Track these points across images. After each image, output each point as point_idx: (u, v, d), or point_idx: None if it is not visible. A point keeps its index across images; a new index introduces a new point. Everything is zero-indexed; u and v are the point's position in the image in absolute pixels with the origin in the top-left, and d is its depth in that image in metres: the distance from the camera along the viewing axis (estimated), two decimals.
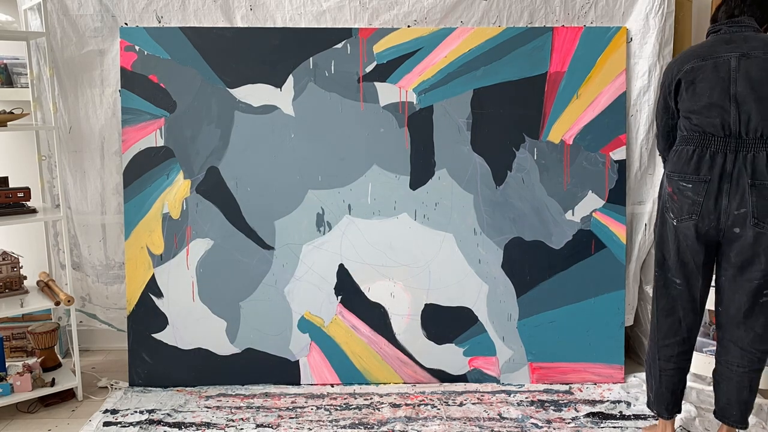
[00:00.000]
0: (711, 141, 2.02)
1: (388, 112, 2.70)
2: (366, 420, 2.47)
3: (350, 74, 2.68)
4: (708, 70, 2.02)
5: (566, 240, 2.74)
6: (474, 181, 2.72)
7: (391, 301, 2.76)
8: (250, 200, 2.71)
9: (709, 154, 2.01)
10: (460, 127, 2.70)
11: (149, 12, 2.67)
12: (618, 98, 2.71)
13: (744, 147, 1.98)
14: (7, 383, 2.53)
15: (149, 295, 2.72)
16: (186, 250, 2.72)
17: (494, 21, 2.71)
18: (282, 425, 2.43)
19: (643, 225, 2.83)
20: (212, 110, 2.68)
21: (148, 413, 2.53)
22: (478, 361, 2.78)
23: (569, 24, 2.72)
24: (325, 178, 2.72)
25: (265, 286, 2.74)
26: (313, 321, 2.76)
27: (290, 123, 2.69)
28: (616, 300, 2.75)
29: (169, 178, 2.70)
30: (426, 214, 2.73)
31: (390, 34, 2.67)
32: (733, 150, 1.99)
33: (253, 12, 2.69)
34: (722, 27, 2.08)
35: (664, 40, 2.69)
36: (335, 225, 2.73)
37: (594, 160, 2.73)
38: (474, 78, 2.68)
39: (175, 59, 2.65)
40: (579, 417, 2.49)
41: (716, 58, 2.01)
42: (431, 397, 2.66)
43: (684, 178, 2.04)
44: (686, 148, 2.06)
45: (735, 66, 1.98)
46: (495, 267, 2.74)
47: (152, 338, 2.73)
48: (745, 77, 1.97)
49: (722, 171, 1.99)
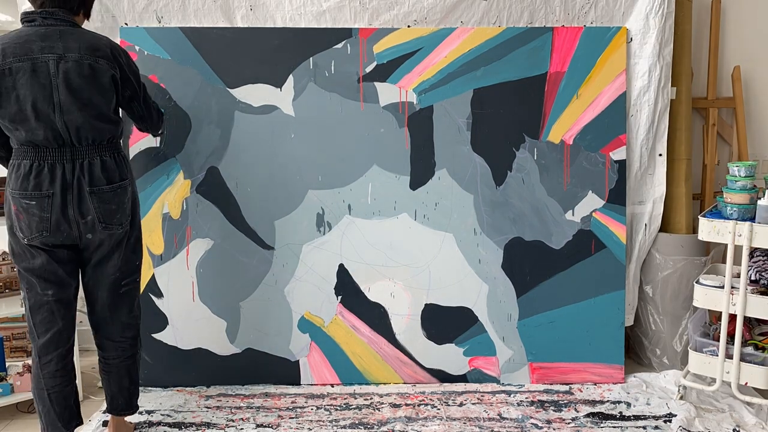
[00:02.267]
0: (47, 153, 1.97)
1: (388, 112, 2.70)
2: (366, 420, 2.47)
3: (350, 74, 2.68)
4: (26, 73, 1.91)
5: (566, 240, 2.74)
6: (474, 181, 2.72)
7: (391, 301, 2.76)
8: (250, 200, 2.71)
9: (48, 167, 1.97)
10: (460, 127, 2.70)
11: (149, 12, 2.67)
12: (618, 98, 2.71)
13: (80, 156, 2.00)
14: (7, 383, 2.54)
15: (149, 295, 2.72)
16: (186, 250, 2.72)
17: (494, 21, 2.71)
18: (282, 425, 2.43)
19: (643, 225, 2.84)
20: (212, 110, 2.68)
21: (148, 413, 2.53)
22: (478, 361, 2.78)
23: (569, 24, 2.72)
24: (325, 178, 2.72)
25: (265, 286, 2.74)
26: (313, 321, 2.76)
27: (290, 123, 2.69)
28: (616, 300, 2.75)
29: (169, 178, 2.70)
30: (426, 214, 2.73)
31: (390, 34, 2.67)
32: (70, 160, 1.99)
33: (253, 12, 2.69)
34: (36, 17, 1.96)
35: (664, 40, 2.69)
36: (335, 225, 2.73)
37: (594, 160, 2.72)
38: (474, 78, 2.68)
39: (175, 59, 2.65)
40: (579, 417, 2.49)
41: (34, 60, 1.91)
42: (431, 397, 2.66)
43: (26, 195, 1.96)
44: (23, 162, 1.98)
45: (54, 71, 1.92)
46: (495, 267, 2.74)
47: (152, 338, 2.73)
48: (65, 83, 1.93)
49: (63, 182, 1.98)
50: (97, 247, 2.10)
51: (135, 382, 2.29)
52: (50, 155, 1.97)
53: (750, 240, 2.33)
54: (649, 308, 2.91)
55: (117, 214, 2.08)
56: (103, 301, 2.17)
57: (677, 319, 2.85)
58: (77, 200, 2.00)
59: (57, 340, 2.09)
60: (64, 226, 2.00)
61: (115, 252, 2.13)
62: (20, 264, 2.06)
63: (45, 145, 1.96)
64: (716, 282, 2.48)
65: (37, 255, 2.03)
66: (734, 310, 2.40)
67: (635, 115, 2.75)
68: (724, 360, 2.44)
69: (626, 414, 2.51)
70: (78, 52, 1.95)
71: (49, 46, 1.93)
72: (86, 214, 2.02)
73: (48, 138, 1.95)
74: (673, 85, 2.79)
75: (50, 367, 2.08)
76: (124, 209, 2.11)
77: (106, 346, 2.22)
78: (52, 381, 2.09)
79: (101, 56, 1.99)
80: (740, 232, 2.35)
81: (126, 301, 2.21)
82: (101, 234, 2.06)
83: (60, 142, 1.97)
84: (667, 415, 2.47)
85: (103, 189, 2.03)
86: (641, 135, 2.76)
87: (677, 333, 2.86)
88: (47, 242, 2.02)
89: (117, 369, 2.24)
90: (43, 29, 1.95)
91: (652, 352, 2.93)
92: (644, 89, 2.72)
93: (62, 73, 1.93)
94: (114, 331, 2.21)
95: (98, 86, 1.99)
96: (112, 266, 2.13)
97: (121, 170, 2.10)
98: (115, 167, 2.07)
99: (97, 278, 2.15)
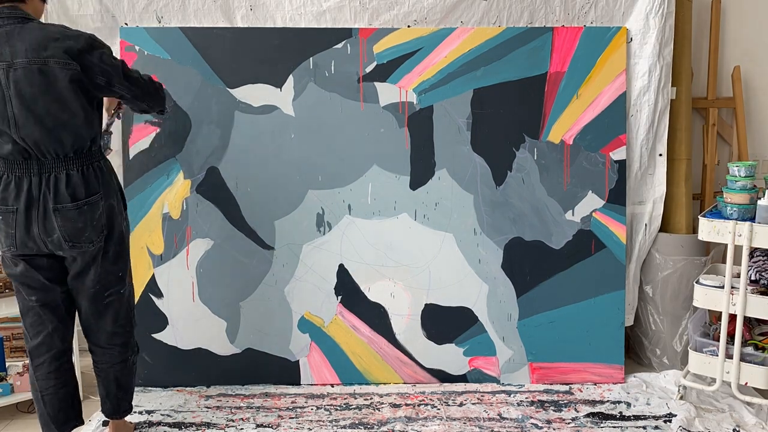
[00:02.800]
0: (14, 166, 1.86)
1: (388, 112, 2.70)
2: (366, 420, 2.47)
3: (350, 74, 2.68)
4: None
5: (566, 240, 2.74)
6: (474, 181, 2.72)
7: (391, 301, 2.76)
8: (250, 200, 2.71)
9: (15, 181, 1.86)
10: (460, 127, 2.70)
11: (149, 12, 2.67)
12: (618, 98, 2.71)
13: (47, 169, 1.87)
14: (7, 383, 2.54)
15: (149, 295, 2.72)
16: (186, 250, 2.72)
17: (494, 21, 2.71)
18: (282, 425, 2.43)
19: (643, 225, 2.84)
20: (212, 110, 2.68)
21: (148, 413, 2.53)
22: (478, 361, 2.78)
23: (569, 24, 2.72)
24: (325, 178, 2.72)
25: (265, 286, 2.74)
26: (313, 321, 2.76)
27: (290, 123, 2.69)
28: (616, 300, 2.75)
29: (169, 178, 2.70)
30: (426, 214, 2.73)
31: (390, 34, 2.67)
32: (37, 173, 1.86)
33: (253, 12, 2.69)
34: None
35: (664, 40, 2.69)
36: (335, 225, 2.73)
37: (594, 160, 2.72)
38: (474, 78, 2.68)
39: (175, 59, 2.65)
40: (579, 417, 2.49)
41: None
42: (431, 397, 2.66)
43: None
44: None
45: (5, 82, 1.77)
46: (495, 267, 2.74)
47: (152, 338, 2.73)
48: (17, 95, 1.78)
49: (29, 197, 1.87)
50: (72, 261, 2.00)
51: (125, 388, 2.23)
52: (18, 168, 1.87)
53: (750, 240, 2.33)
54: (649, 308, 2.91)
55: (85, 232, 1.94)
56: (86, 310, 2.10)
57: (677, 319, 2.85)
58: (42, 218, 1.89)
59: (48, 343, 2.05)
60: (30, 243, 1.92)
61: (92, 267, 2.02)
62: (5, 270, 2.04)
63: (11, 159, 1.86)
64: (716, 282, 2.48)
65: (18, 262, 1.98)
66: (734, 310, 2.40)
67: (635, 115, 2.75)
68: (724, 360, 2.44)
69: (626, 414, 2.51)
70: (25, 56, 1.77)
71: None
72: (51, 233, 1.90)
73: (12, 152, 1.85)
74: (673, 85, 2.79)
75: (42, 370, 2.06)
76: (93, 226, 1.96)
77: (95, 351, 2.19)
78: (45, 383, 2.06)
79: (50, 56, 1.79)
80: (740, 232, 2.35)
81: (110, 311, 2.12)
82: (70, 252, 1.96)
83: (25, 156, 1.86)
84: (667, 415, 2.47)
85: (67, 207, 1.89)
86: (641, 135, 2.76)
87: (677, 333, 2.86)
88: (21, 253, 1.95)
89: (105, 374, 2.20)
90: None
91: (652, 352, 2.93)
92: (644, 89, 2.72)
93: (13, 84, 1.77)
94: (100, 338, 2.15)
95: (54, 93, 1.81)
96: (90, 280, 2.03)
97: (89, 185, 1.94)
98: (81, 182, 1.91)
99: (77, 289, 2.07)
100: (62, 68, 1.80)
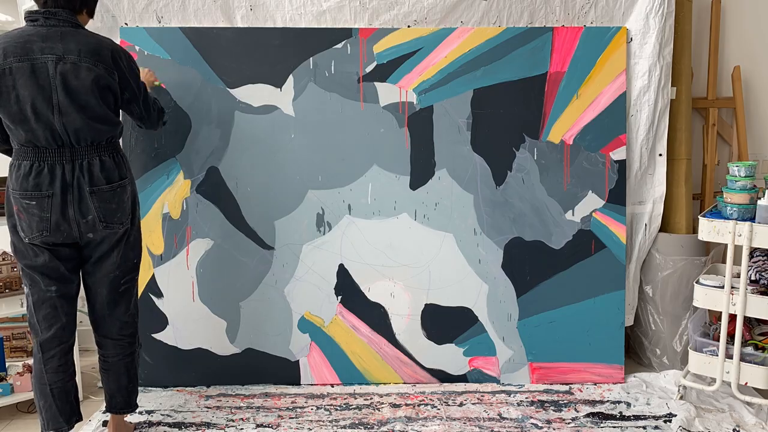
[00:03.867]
0: (46, 154, 1.99)
1: (388, 112, 2.70)
2: (366, 420, 2.47)
3: (350, 74, 2.68)
4: (26, 74, 1.92)
5: (566, 240, 2.74)
6: (474, 181, 2.72)
7: (391, 301, 2.76)
8: (250, 200, 2.71)
9: (48, 168, 1.99)
10: (460, 127, 2.70)
11: (149, 12, 2.67)
12: (618, 98, 2.71)
13: (79, 156, 2.01)
14: (7, 383, 2.54)
15: (149, 295, 2.72)
16: (186, 250, 2.72)
17: (494, 21, 2.71)
18: (282, 425, 2.43)
19: (643, 225, 2.84)
20: (212, 110, 2.68)
21: (148, 413, 2.53)
22: (478, 361, 2.78)
23: (569, 24, 2.72)
24: (325, 178, 2.72)
25: (265, 286, 2.74)
26: (313, 321, 2.76)
27: (290, 123, 2.69)
28: (616, 300, 2.75)
29: (169, 178, 2.70)
30: (426, 214, 2.73)
31: (390, 34, 2.67)
32: (69, 160, 2.00)
33: (253, 12, 2.69)
34: (39, 17, 1.97)
35: (664, 40, 2.69)
36: (335, 225, 2.73)
37: (594, 160, 2.72)
38: (474, 78, 2.68)
39: (175, 59, 2.65)
40: (579, 417, 2.49)
41: (34, 60, 1.92)
42: (431, 397, 2.66)
43: (26, 195, 1.98)
44: (23, 163, 1.99)
45: (53, 72, 1.93)
46: (495, 267, 2.74)
47: (152, 338, 2.73)
48: (63, 85, 1.94)
49: (63, 182, 2.00)
50: (97, 245, 2.12)
51: (134, 381, 2.30)
52: (50, 156, 1.99)
53: (750, 240, 2.34)
54: (649, 308, 2.91)
55: (117, 212, 2.10)
56: (102, 299, 2.19)
57: (677, 319, 2.85)
58: (77, 200, 2.02)
59: (60, 336, 2.12)
60: (64, 226, 2.02)
61: (115, 249, 2.15)
62: (22, 261, 2.08)
63: (44, 145, 1.98)
64: (716, 282, 2.48)
65: (39, 253, 2.05)
66: (734, 310, 2.40)
67: (635, 115, 2.75)
68: (724, 360, 2.44)
69: (626, 414, 2.51)
70: (77, 54, 1.95)
71: (49, 46, 1.93)
72: (87, 214, 2.03)
73: (47, 139, 1.97)
74: (673, 85, 2.79)
75: (53, 363, 2.11)
76: (124, 208, 2.13)
77: (105, 344, 2.24)
78: (55, 376, 2.11)
79: (100, 60, 1.99)
80: (740, 232, 2.35)
81: (125, 299, 2.23)
82: (102, 233, 2.08)
83: (59, 143, 1.99)
84: (667, 415, 2.47)
85: (103, 189, 2.05)
86: (641, 135, 2.76)
87: (677, 333, 2.86)
88: (48, 241, 2.03)
89: (116, 367, 2.25)
90: (44, 29, 1.95)
91: (652, 352, 2.93)
92: (644, 89, 2.72)
93: (60, 75, 1.94)
94: (112, 328, 2.22)
95: (96, 89, 1.99)
96: (112, 264, 2.15)
97: (120, 170, 2.11)
98: (114, 167, 2.09)
99: (96, 275, 2.17)
100: (106, 72, 2.01)
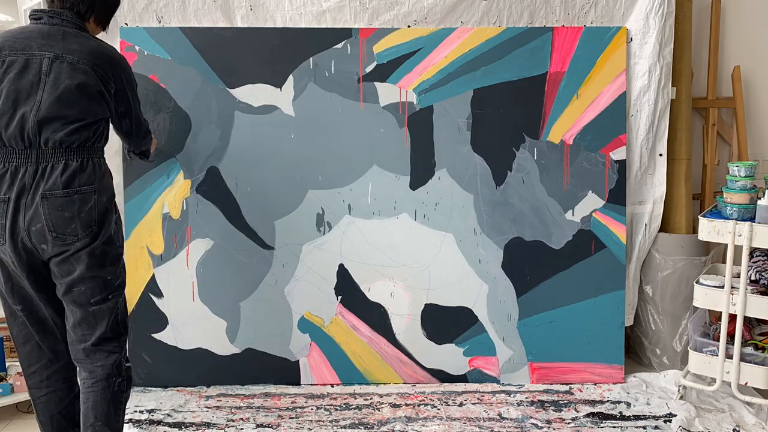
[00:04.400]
0: (13, 155, 1.83)
1: (388, 112, 2.70)
2: (366, 420, 2.47)
3: (350, 74, 2.68)
4: (18, 68, 1.82)
5: (566, 240, 2.74)
6: (474, 181, 2.72)
7: (391, 301, 2.76)
8: (250, 200, 2.71)
9: (11, 170, 1.82)
10: (460, 127, 2.70)
11: (149, 12, 2.67)
12: (618, 98, 2.71)
13: (44, 159, 1.83)
14: (7, 383, 2.54)
15: (149, 295, 2.72)
16: (186, 250, 2.72)
17: (494, 21, 2.71)
18: (282, 425, 2.43)
19: (643, 225, 2.84)
20: (212, 110, 2.68)
21: (148, 413, 2.53)
22: (478, 361, 2.78)
23: (569, 24, 2.72)
24: (325, 178, 2.72)
25: (265, 286, 2.74)
26: (313, 321, 2.76)
27: (290, 123, 2.69)
28: (616, 300, 2.75)
29: (169, 178, 2.70)
30: (426, 214, 2.73)
31: (390, 34, 2.67)
32: (34, 162, 1.82)
33: (253, 12, 2.69)
34: (43, 15, 1.91)
35: (664, 40, 2.69)
36: (335, 225, 2.73)
37: (594, 160, 2.72)
38: (474, 78, 2.68)
39: (175, 59, 2.65)
40: (579, 417, 2.49)
41: (29, 56, 1.83)
42: (431, 397, 2.66)
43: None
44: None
45: (47, 69, 1.83)
46: (495, 267, 2.74)
47: (152, 338, 2.73)
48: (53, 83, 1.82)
49: (21, 186, 1.81)
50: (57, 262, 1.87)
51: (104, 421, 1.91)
52: (16, 157, 1.83)
53: (750, 240, 2.34)
54: (649, 308, 2.91)
55: (72, 223, 1.83)
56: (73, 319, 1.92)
57: (677, 319, 2.85)
58: (30, 206, 1.81)
59: (38, 354, 1.98)
60: (16, 235, 1.82)
61: (76, 266, 1.87)
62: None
63: (12, 145, 1.82)
64: (716, 282, 2.48)
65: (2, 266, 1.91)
66: (734, 310, 2.40)
67: (635, 115, 2.75)
68: (724, 360, 2.44)
69: (626, 414, 2.51)
70: (77, 55, 1.86)
71: (49, 44, 1.85)
72: (36, 222, 1.81)
73: (16, 138, 1.82)
74: (673, 85, 2.79)
75: (34, 378, 1.99)
76: (82, 219, 1.85)
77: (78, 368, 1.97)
78: (37, 392, 2.00)
79: (99, 66, 1.89)
80: (740, 232, 2.35)
81: (96, 322, 1.92)
82: (54, 246, 1.83)
83: (27, 144, 1.82)
84: (667, 415, 2.47)
85: (57, 194, 1.81)
86: (641, 135, 2.76)
87: (677, 333, 2.86)
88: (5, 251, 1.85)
89: (85, 396, 1.92)
90: (47, 27, 1.89)
91: (652, 352, 2.93)
92: (644, 89, 2.72)
93: (53, 72, 1.83)
94: (79, 352, 1.93)
95: (88, 94, 1.88)
96: (74, 280, 1.88)
97: (87, 176, 1.87)
98: (79, 172, 1.86)
99: (61, 292, 1.91)
100: (102, 80, 1.91)
